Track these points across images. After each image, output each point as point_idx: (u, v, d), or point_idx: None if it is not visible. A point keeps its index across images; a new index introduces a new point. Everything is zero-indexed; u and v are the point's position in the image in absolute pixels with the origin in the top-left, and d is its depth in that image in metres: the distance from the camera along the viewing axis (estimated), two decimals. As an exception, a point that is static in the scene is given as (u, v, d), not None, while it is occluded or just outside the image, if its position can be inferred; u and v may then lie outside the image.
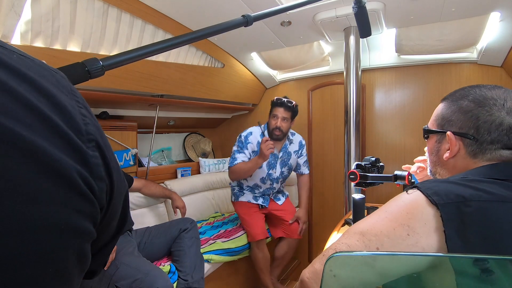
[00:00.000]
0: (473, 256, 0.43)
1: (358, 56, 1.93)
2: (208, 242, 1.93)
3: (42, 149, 0.18)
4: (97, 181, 0.22)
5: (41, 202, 0.17)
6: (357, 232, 0.53)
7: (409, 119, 2.24)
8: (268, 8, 1.68)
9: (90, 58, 0.52)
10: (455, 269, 0.42)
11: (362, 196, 1.09)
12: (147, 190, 1.96)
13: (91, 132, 0.22)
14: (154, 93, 1.98)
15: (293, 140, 2.14)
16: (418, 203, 0.51)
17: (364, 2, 1.05)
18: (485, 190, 0.49)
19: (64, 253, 0.19)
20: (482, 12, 1.60)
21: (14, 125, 0.17)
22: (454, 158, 0.62)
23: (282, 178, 2.14)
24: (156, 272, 1.33)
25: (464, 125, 0.60)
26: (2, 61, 0.18)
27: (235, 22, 0.71)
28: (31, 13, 1.19)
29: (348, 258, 0.44)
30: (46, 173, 0.18)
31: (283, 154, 2.10)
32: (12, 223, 0.16)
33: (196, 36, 0.64)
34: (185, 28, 1.80)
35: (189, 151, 2.87)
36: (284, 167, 2.12)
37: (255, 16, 0.71)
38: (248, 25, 0.73)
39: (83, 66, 0.50)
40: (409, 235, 0.49)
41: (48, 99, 0.19)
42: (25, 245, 0.17)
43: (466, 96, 0.61)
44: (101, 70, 0.52)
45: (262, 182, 2.09)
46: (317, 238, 2.69)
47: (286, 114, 1.97)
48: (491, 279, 0.39)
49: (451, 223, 0.47)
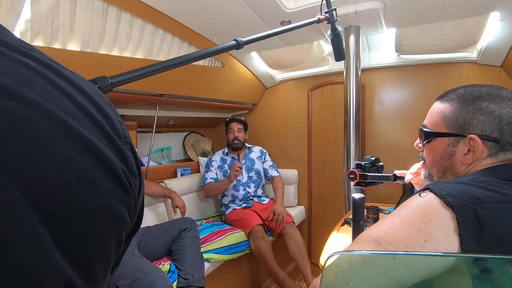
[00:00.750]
0: (473, 256, 0.42)
1: (358, 56, 1.93)
2: (208, 241, 1.93)
3: (98, 147, 0.22)
4: (133, 178, 0.26)
5: (100, 191, 0.22)
6: (371, 240, 0.50)
7: (409, 118, 2.24)
8: (267, 6, 1.68)
9: (100, 76, 0.58)
10: (471, 272, 0.41)
11: (362, 195, 1.09)
12: (147, 190, 1.96)
13: (127, 136, 0.27)
14: (154, 93, 1.97)
15: (253, 149, 2.51)
16: (433, 205, 0.49)
17: (339, 31, 1.15)
18: (498, 191, 0.48)
19: (110, 236, 0.23)
20: (482, 12, 1.60)
21: (78, 126, 0.21)
22: (474, 161, 0.60)
23: (252, 183, 2.40)
24: (156, 272, 1.33)
25: (487, 127, 0.57)
26: (63, 74, 0.23)
27: (228, 45, 0.80)
28: (31, 12, 1.19)
29: (364, 270, 0.42)
30: (102, 167, 0.22)
31: (246, 161, 2.43)
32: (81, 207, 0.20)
33: (193, 58, 0.73)
34: (185, 27, 1.80)
35: (189, 150, 2.87)
36: (251, 172, 2.42)
37: (246, 40, 0.81)
38: (240, 48, 0.81)
39: (94, 83, 0.56)
40: (426, 242, 0.47)
41: (96, 107, 0.24)
42: (87, 226, 0.21)
43: (481, 96, 0.58)
44: (110, 87, 0.58)
45: (236, 190, 2.36)
46: (317, 237, 2.69)
47: (240, 126, 2.42)
48: (491, 278, 0.39)
49: (466, 225, 0.45)
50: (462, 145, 0.61)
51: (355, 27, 1.88)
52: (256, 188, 2.41)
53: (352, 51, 1.91)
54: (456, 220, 0.46)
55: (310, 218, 2.71)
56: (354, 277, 0.41)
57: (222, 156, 2.43)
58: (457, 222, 0.46)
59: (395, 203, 1.12)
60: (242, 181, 2.37)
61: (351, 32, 1.89)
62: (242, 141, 2.41)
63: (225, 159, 2.42)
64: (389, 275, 0.43)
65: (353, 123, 1.94)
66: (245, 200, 2.35)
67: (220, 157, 2.42)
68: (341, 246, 1.23)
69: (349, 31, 1.89)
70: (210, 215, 2.53)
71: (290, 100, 2.76)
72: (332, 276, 0.47)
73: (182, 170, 2.53)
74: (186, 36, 1.85)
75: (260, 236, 2.00)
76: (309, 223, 2.71)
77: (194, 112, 2.65)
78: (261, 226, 2.05)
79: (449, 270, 0.42)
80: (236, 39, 0.80)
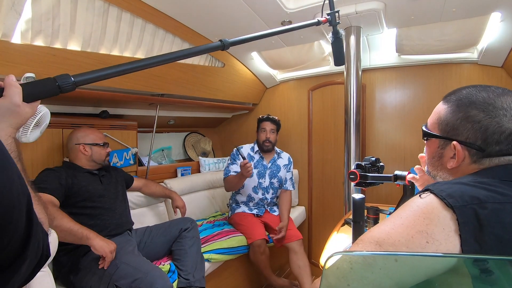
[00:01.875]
0: (473, 256, 0.42)
1: (358, 56, 1.93)
2: (208, 241, 1.93)
3: None
4: None
5: None
6: (373, 241, 0.49)
7: (409, 119, 2.24)
8: (268, 7, 1.68)
9: (62, 74, 0.56)
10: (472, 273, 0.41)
11: (362, 196, 1.09)
12: (147, 190, 1.96)
13: None
14: (154, 92, 1.97)
15: (282, 155, 2.35)
16: (433, 206, 0.49)
17: (341, 34, 1.13)
18: (497, 191, 0.48)
19: None
20: (483, 12, 1.60)
21: None
22: (458, 165, 0.61)
23: (272, 189, 2.28)
24: (156, 272, 1.33)
25: (471, 135, 0.57)
26: None
27: (212, 45, 0.78)
28: (32, 12, 1.19)
29: (366, 272, 0.42)
30: None
31: (272, 165, 2.29)
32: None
33: (174, 57, 0.70)
34: (186, 27, 1.80)
35: (189, 150, 2.87)
36: (274, 178, 2.28)
37: (231, 41, 0.80)
38: (225, 49, 0.80)
39: (54, 82, 0.55)
40: (428, 243, 0.47)
41: None
42: None
43: (474, 103, 0.58)
44: (73, 86, 0.56)
45: (255, 192, 2.24)
46: (317, 237, 2.69)
47: (273, 126, 2.27)
48: (491, 279, 0.39)
49: (467, 226, 0.46)
50: (449, 149, 0.62)
51: (355, 28, 1.88)
52: (274, 195, 2.30)
53: (353, 51, 1.91)
54: (457, 221, 0.46)
55: (310, 218, 2.71)
56: (356, 278, 0.41)
57: (249, 153, 2.27)
58: (457, 222, 0.46)
59: (395, 203, 1.12)
60: (263, 185, 2.24)
61: (351, 32, 1.89)
62: (273, 142, 2.28)
63: (252, 156, 2.27)
64: (390, 276, 0.43)
65: (353, 123, 1.94)
66: (258, 206, 2.25)
67: (247, 153, 2.27)
68: (342, 247, 1.23)
69: (350, 31, 1.89)
70: (211, 215, 2.52)
71: (290, 100, 2.76)
72: (333, 277, 0.47)
73: (183, 170, 2.53)
74: (187, 36, 1.86)
75: (261, 252, 1.96)
76: (309, 223, 2.71)
77: (194, 112, 2.65)
78: (263, 240, 1.97)
79: (449, 270, 0.42)
80: (222, 39, 0.78)
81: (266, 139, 2.24)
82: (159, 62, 0.68)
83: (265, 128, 2.25)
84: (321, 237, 2.65)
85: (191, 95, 2.18)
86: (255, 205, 2.25)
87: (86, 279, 1.32)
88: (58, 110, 1.75)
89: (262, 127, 2.26)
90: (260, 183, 2.24)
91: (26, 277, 0.44)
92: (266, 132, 2.24)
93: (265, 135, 2.24)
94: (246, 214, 2.19)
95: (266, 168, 2.27)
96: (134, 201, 1.92)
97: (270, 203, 2.30)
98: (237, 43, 0.83)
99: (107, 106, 1.97)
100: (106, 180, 1.64)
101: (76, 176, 1.49)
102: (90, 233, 1.29)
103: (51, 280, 1.10)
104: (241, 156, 1.97)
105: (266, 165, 2.27)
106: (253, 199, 2.25)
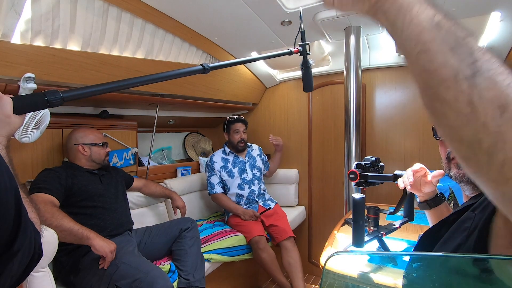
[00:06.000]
0: (473, 256, 0.42)
1: (358, 56, 1.93)
2: (209, 241, 1.93)
3: None
4: None
5: None
6: None
7: (409, 119, 2.24)
8: (268, 6, 1.68)
9: (52, 90, 0.60)
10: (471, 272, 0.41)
11: (362, 195, 1.09)
12: (147, 190, 1.96)
13: None
14: (154, 92, 1.97)
15: (253, 147, 2.52)
16: None
17: (310, 64, 1.21)
18: None
19: None
20: (483, 12, 1.60)
21: None
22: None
23: (257, 180, 2.38)
24: (156, 272, 1.33)
25: None
26: None
27: (193, 69, 0.82)
28: (31, 12, 1.19)
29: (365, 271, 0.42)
30: None
31: (249, 158, 2.43)
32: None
33: (156, 78, 0.75)
34: (186, 27, 1.79)
35: (189, 150, 2.87)
36: (254, 169, 2.41)
37: (212, 66, 0.84)
38: (205, 73, 0.82)
39: (43, 96, 0.59)
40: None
41: None
42: None
43: None
44: (60, 101, 0.60)
45: (241, 189, 2.31)
46: (317, 237, 2.69)
47: (244, 126, 2.40)
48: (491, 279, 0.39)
49: None
50: None
51: (355, 27, 1.88)
52: (260, 185, 2.39)
53: (353, 51, 1.91)
54: None
55: (310, 218, 2.71)
56: (355, 278, 0.41)
57: (223, 156, 2.37)
58: None
59: (395, 203, 1.12)
60: (246, 179, 2.33)
61: (351, 32, 1.89)
62: (246, 141, 2.40)
63: (227, 159, 2.36)
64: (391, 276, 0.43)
65: (353, 123, 1.94)
66: (250, 203, 2.30)
67: (221, 158, 2.36)
68: (342, 246, 1.23)
69: (350, 31, 1.89)
70: (211, 215, 2.53)
71: (290, 100, 2.76)
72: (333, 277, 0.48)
73: (183, 170, 2.53)
74: (187, 36, 1.85)
75: (261, 248, 1.96)
76: (309, 223, 2.71)
77: (194, 112, 2.65)
78: (261, 236, 1.99)
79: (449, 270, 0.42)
80: (203, 64, 0.83)
81: (241, 140, 2.35)
82: (140, 82, 0.73)
83: (239, 129, 2.35)
84: (321, 237, 2.65)
85: (191, 95, 2.18)
86: (247, 202, 2.30)
87: (87, 279, 1.32)
88: (58, 110, 1.75)
89: (235, 129, 2.36)
90: (243, 178, 2.32)
91: (18, 275, 0.44)
92: (240, 133, 2.35)
93: (239, 136, 2.35)
94: None
95: (244, 163, 2.39)
96: (134, 201, 1.93)
97: (259, 194, 2.35)
98: (217, 68, 0.88)
99: (107, 106, 1.97)
100: (106, 180, 1.64)
101: (76, 176, 1.50)
102: (90, 233, 1.29)
103: (51, 280, 1.10)
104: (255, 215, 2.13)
105: (243, 160, 2.39)
106: (242, 196, 2.30)
